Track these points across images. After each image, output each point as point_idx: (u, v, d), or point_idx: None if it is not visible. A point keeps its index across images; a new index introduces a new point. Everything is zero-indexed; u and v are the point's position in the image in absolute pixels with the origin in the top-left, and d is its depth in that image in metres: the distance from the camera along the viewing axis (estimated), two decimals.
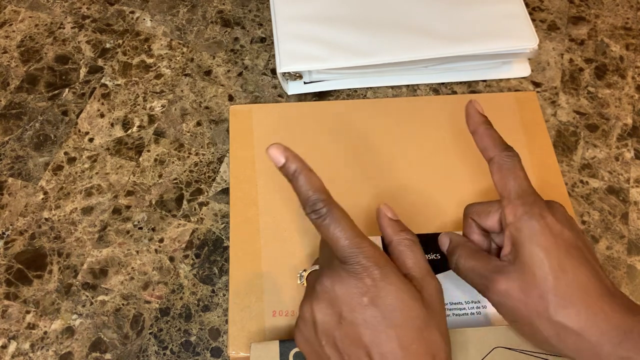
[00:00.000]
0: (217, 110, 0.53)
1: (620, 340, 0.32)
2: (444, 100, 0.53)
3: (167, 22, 0.58)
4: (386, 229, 0.37)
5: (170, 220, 0.48)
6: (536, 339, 0.35)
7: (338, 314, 0.32)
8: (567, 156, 0.52)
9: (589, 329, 0.32)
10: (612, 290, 0.34)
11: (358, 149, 0.49)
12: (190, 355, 0.43)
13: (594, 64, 0.57)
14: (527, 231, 0.35)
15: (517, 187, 0.36)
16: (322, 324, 0.33)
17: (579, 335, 0.33)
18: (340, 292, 0.33)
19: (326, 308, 0.33)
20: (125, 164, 0.50)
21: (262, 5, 0.60)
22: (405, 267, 0.35)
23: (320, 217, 0.33)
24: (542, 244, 0.34)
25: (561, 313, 0.33)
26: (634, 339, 0.32)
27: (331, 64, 0.51)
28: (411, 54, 0.51)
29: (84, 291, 0.45)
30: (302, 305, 0.34)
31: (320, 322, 0.33)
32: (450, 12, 0.54)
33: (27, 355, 0.42)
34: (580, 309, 0.33)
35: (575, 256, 0.34)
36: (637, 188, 0.51)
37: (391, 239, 0.36)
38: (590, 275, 0.34)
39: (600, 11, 0.61)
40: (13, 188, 0.49)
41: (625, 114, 0.54)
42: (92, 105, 0.53)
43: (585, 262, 0.34)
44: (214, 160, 0.51)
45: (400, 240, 0.36)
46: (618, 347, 0.32)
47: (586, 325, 0.33)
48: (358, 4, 0.54)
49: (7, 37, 0.57)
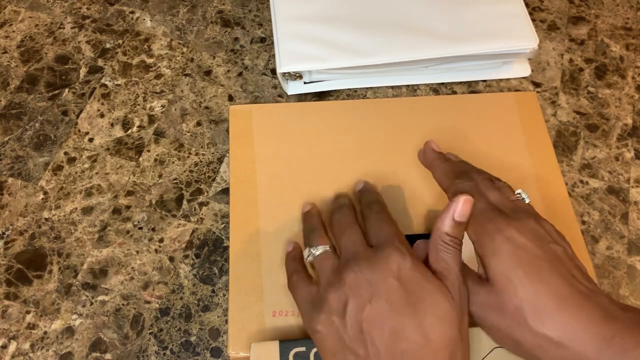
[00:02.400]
0: (217, 110, 0.53)
1: (602, 348, 0.32)
2: (444, 100, 0.53)
3: (167, 22, 0.58)
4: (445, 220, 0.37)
5: (170, 220, 0.48)
6: (522, 352, 0.35)
7: (368, 297, 0.34)
8: (567, 156, 0.52)
9: (569, 338, 0.32)
10: (588, 294, 0.34)
11: (358, 149, 0.49)
12: (190, 355, 0.43)
13: (594, 64, 0.57)
14: (489, 247, 0.36)
15: (474, 209, 0.38)
16: (352, 307, 0.34)
17: (560, 345, 0.33)
18: (373, 277, 0.34)
19: (359, 290, 0.34)
20: (125, 164, 0.50)
21: (262, 5, 0.60)
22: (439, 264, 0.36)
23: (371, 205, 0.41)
24: (504, 258, 0.35)
25: (539, 323, 0.33)
26: (616, 346, 0.31)
27: (331, 64, 0.51)
28: (411, 54, 0.51)
29: (84, 291, 0.45)
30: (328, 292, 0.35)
31: (351, 305, 0.34)
32: (450, 12, 0.54)
33: (27, 355, 0.42)
34: (557, 319, 0.33)
35: (542, 267, 0.34)
36: (637, 188, 0.51)
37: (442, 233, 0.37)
38: (561, 283, 0.34)
39: (600, 11, 0.61)
40: (13, 188, 0.49)
41: (625, 114, 0.54)
42: (92, 105, 0.53)
43: (554, 271, 0.34)
44: (214, 160, 0.51)
45: (448, 239, 0.36)
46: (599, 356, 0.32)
47: (566, 335, 0.32)
48: (358, 4, 0.54)
49: (7, 37, 0.57)
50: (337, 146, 0.49)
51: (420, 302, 0.33)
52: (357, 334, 0.33)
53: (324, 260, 0.38)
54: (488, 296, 0.35)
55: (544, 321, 0.33)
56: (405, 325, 0.32)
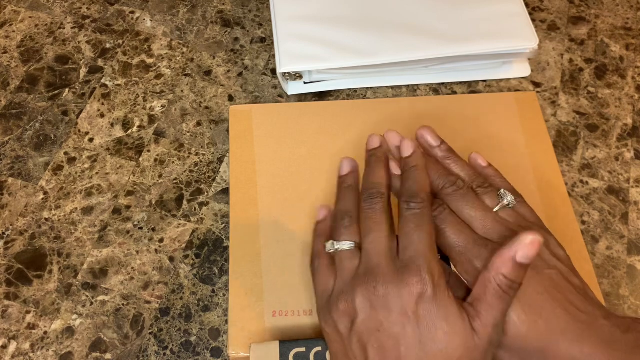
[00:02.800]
0: (217, 110, 0.53)
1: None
2: (444, 100, 0.53)
3: (167, 22, 0.58)
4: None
5: (170, 220, 0.48)
6: None
7: (380, 321, 0.32)
8: (567, 156, 0.52)
9: None
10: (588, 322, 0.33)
11: (358, 149, 0.49)
12: (190, 355, 0.43)
13: (594, 64, 0.57)
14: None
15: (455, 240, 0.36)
16: (360, 324, 0.32)
17: None
18: (385, 300, 0.32)
19: (370, 310, 0.32)
20: (125, 164, 0.50)
21: (262, 5, 0.60)
22: (480, 304, 0.32)
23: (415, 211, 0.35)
24: None
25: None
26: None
27: (331, 64, 0.51)
28: (411, 54, 0.51)
29: (84, 291, 0.45)
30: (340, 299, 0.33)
31: (360, 322, 0.32)
32: (450, 12, 0.54)
33: (27, 355, 0.42)
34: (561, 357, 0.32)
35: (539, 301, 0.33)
36: (637, 188, 0.51)
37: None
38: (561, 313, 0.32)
39: (600, 11, 0.61)
40: (13, 188, 0.49)
41: (625, 114, 0.54)
42: (92, 106, 0.53)
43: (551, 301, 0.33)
44: (214, 160, 0.51)
45: (504, 283, 0.32)
46: None
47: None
48: (358, 4, 0.54)
49: (7, 37, 0.57)
50: (337, 146, 0.49)
51: (432, 343, 0.31)
52: (361, 354, 0.32)
53: (345, 259, 0.35)
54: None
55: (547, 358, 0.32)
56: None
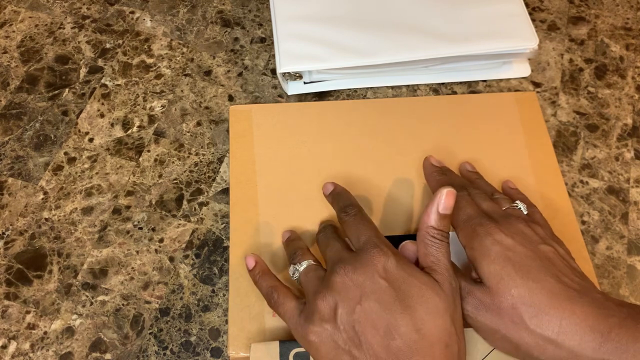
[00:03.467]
0: (217, 110, 0.53)
1: (599, 345, 0.32)
2: (444, 100, 0.53)
3: (167, 22, 0.58)
4: (431, 215, 0.37)
5: (170, 220, 0.48)
6: (520, 354, 0.35)
7: (357, 298, 0.34)
8: (567, 156, 0.52)
9: (566, 335, 0.33)
10: (581, 291, 0.34)
11: (358, 149, 0.49)
12: (190, 355, 0.43)
13: (594, 64, 0.57)
14: (479, 250, 0.37)
15: (462, 214, 0.39)
16: (342, 309, 0.34)
17: (558, 342, 0.33)
18: (359, 278, 0.34)
19: (346, 292, 0.34)
20: (125, 164, 0.50)
21: (262, 5, 0.60)
22: (427, 258, 0.36)
23: (349, 215, 0.40)
24: (494, 258, 0.36)
25: (535, 321, 0.33)
26: (614, 341, 0.32)
27: (331, 64, 0.51)
28: (411, 54, 0.51)
29: (84, 291, 0.45)
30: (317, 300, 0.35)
31: (341, 308, 0.34)
32: (450, 12, 0.54)
33: (27, 355, 0.42)
34: (552, 316, 0.33)
35: (532, 266, 0.35)
36: (637, 188, 0.51)
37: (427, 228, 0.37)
38: (552, 281, 0.34)
39: (600, 11, 0.61)
40: (13, 188, 0.49)
41: (625, 114, 0.54)
42: (92, 106, 0.53)
43: (544, 270, 0.35)
44: (214, 160, 0.51)
45: (435, 233, 0.37)
46: (598, 352, 0.32)
47: (562, 332, 0.33)
48: (358, 4, 0.54)
49: (7, 37, 0.57)
50: (337, 146, 0.49)
51: (409, 298, 0.33)
52: (351, 336, 0.33)
53: (309, 272, 0.38)
54: (482, 296, 0.35)
55: (540, 319, 0.33)
56: (397, 322, 0.33)
